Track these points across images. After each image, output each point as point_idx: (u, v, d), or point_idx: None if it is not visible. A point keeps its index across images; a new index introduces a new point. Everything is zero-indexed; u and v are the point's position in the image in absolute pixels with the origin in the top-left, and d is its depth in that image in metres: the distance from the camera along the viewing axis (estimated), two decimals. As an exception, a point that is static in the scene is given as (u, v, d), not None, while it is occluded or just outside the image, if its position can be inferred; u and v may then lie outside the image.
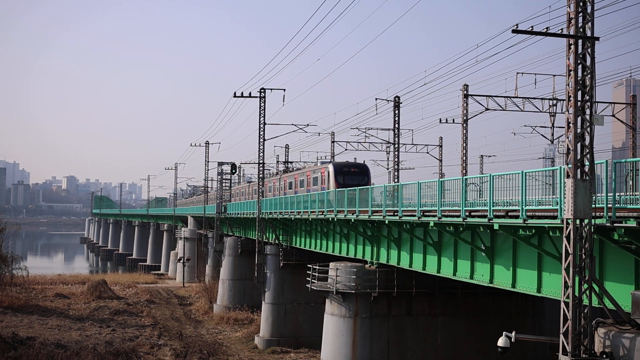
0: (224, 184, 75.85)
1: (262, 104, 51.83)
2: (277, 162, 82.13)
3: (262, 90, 51.86)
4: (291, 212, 44.38)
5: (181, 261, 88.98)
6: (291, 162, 69.62)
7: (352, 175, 47.11)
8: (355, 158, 76.68)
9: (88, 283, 74.07)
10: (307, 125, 57.07)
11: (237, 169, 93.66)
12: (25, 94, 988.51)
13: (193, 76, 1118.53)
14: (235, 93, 52.35)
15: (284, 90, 51.68)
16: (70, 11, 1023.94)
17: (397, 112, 49.79)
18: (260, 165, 53.63)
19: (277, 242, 50.32)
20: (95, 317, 56.35)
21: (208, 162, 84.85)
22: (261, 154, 53.05)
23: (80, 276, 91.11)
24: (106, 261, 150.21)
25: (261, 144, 52.66)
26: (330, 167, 47.88)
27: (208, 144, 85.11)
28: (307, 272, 37.97)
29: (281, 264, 49.34)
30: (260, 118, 51.99)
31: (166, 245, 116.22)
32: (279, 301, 49.27)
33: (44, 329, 49.77)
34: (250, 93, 52.36)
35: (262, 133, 52.35)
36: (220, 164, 76.18)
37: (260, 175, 53.96)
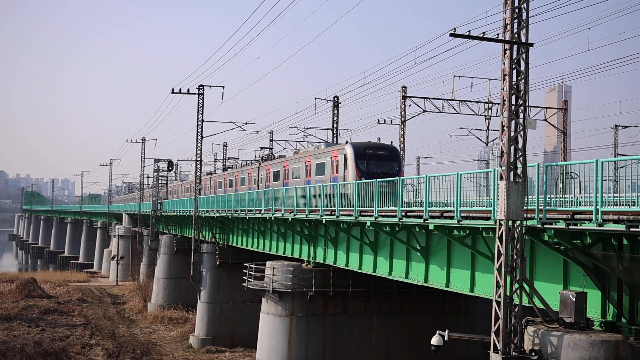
0: (160, 181, 75.10)
1: (201, 101, 51.47)
2: (215, 159, 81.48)
3: (200, 87, 51.50)
4: (228, 211, 44.10)
5: (115, 259, 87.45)
6: (270, 148, 60.75)
7: (379, 160, 35.55)
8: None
9: (16, 281, 71.84)
10: (246, 123, 57.02)
11: (174, 166, 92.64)
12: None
13: (129, 71, 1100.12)
14: (173, 89, 51.79)
15: (223, 87, 51.61)
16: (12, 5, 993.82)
17: (336, 111, 50.14)
18: (198, 162, 53.21)
19: (213, 240, 49.93)
20: (24, 317, 54.73)
21: (144, 158, 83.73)
22: (199, 152, 52.67)
23: (8, 274, 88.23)
24: (36, 259, 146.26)
25: (199, 141, 52.30)
26: (349, 149, 35.52)
27: (144, 140, 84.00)
28: (244, 270, 37.79)
29: (217, 263, 48.99)
30: (198, 115, 51.61)
31: (100, 242, 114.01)
32: (215, 300, 48.91)
33: (-31, 328, 48.16)
34: (188, 90, 51.87)
35: (200, 130, 52.00)
36: (157, 160, 75.42)
37: (199, 172, 53.46)
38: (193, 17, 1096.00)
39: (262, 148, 60.79)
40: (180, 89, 51.77)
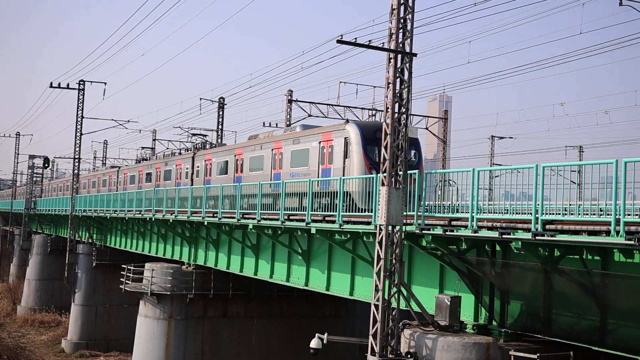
0: (35, 178, 72.31)
1: (81, 97, 49.89)
2: (95, 157, 78.92)
3: (81, 83, 49.92)
4: (107, 210, 42.73)
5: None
6: (205, 136, 48.45)
7: None
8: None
9: None
10: (128, 121, 55.86)
11: (51, 163, 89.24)
12: None
13: (2, 62, 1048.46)
14: (52, 83, 49.94)
15: (105, 84, 50.16)
16: None
17: (221, 112, 49.72)
18: (76, 160, 51.39)
19: (90, 241, 48.27)
20: None
21: (18, 154, 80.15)
22: (77, 149, 50.91)
23: None
24: None
25: (78, 138, 50.58)
26: (353, 131, 26.02)
27: (19, 135, 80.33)
28: (122, 272, 36.69)
29: (94, 264, 47.45)
30: (78, 111, 49.90)
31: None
32: (90, 302, 47.34)
33: None
34: (68, 84, 50.19)
35: (79, 127, 50.32)
36: (32, 157, 72.67)
37: (77, 171, 51.57)
38: (76, 12, 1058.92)
39: (194, 135, 49.62)
40: (59, 84, 50.11)
